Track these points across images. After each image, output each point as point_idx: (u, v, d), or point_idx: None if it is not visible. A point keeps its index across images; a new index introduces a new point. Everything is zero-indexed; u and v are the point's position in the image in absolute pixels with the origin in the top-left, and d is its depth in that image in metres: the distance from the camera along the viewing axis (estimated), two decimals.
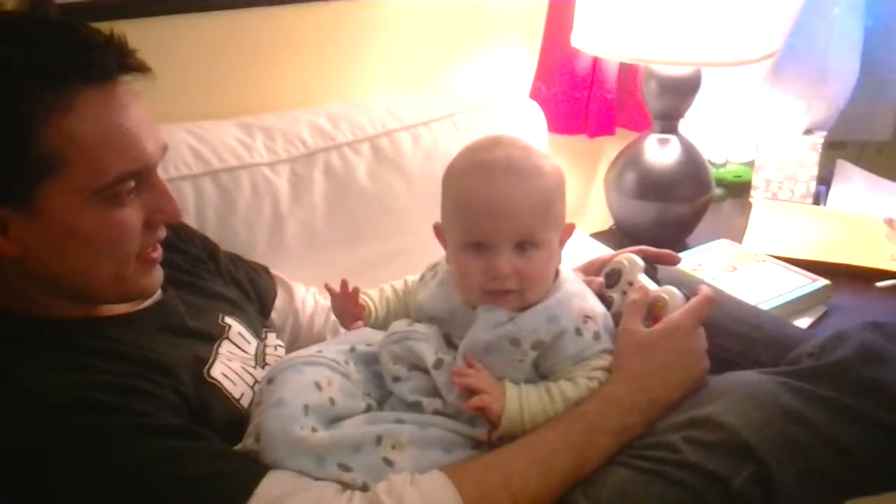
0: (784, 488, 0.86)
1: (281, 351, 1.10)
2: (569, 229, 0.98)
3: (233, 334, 1.04)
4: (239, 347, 1.03)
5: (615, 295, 1.02)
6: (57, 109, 0.81)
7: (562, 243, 0.97)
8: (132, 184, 0.86)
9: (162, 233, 0.93)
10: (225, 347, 1.01)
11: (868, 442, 0.90)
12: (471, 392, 0.89)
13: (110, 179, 0.84)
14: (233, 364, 0.99)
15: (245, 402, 0.95)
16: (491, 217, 0.90)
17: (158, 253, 0.93)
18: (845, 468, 0.89)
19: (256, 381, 0.99)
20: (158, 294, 0.99)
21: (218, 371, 0.96)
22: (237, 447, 0.88)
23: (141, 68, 0.87)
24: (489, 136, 0.98)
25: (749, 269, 1.56)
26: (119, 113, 0.85)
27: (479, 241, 0.91)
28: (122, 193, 0.86)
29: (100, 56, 0.84)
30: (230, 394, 0.95)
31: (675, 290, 0.98)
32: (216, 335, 1.02)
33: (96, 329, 0.91)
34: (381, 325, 1.02)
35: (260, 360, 1.05)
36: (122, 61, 0.85)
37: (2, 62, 0.80)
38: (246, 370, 1.00)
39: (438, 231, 0.99)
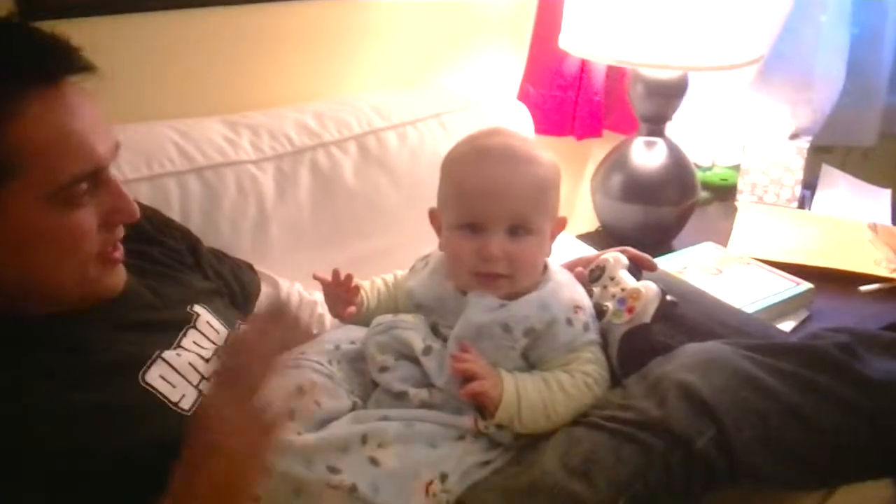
0: (744, 455, 0.87)
1: None
2: (561, 223, 1.01)
3: (200, 323, 1.03)
4: (206, 336, 1.02)
5: (596, 288, 1.04)
6: (6, 117, 0.80)
7: (553, 236, 1.00)
8: (84, 186, 0.86)
9: (120, 232, 0.92)
10: (190, 337, 1.00)
11: (829, 414, 0.91)
12: (468, 378, 0.89)
13: (63, 183, 0.83)
14: (179, 361, 0.96)
15: (186, 404, 0.92)
16: (486, 199, 0.93)
17: (120, 252, 0.93)
18: (809, 439, 0.90)
19: (203, 378, 0.96)
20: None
21: (155, 375, 0.93)
22: None
23: (87, 68, 0.85)
24: (489, 127, 1.02)
25: (734, 272, 1.57)
26: (68, 115, 0.84)
27: (473, 223, 0.94)
28: (76, 195, 0.85)
29: (44, 59, 0.83)
30: (166, 398, 0.92)
31: (651, 284, 1.00)
32: (181, 323, 1.01)
33: (52, 328, 0.89)
34: (373, 315, 1.02)
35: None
36: (67, 62, 0.84)
37: None
38: (194, 367, 0.97)
39: (433, 216, 1.02)
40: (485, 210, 0.93)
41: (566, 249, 1.34)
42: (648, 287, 0.99)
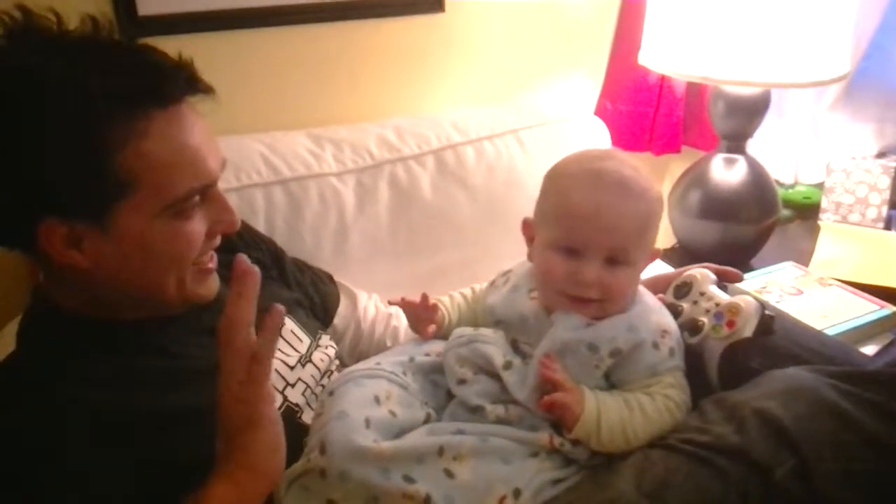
0: (824, 487, 0.84)
1: (331, 351, 1.12)
2: (654, 254, 1.00)
3: (285, 332, 1.06)
4: (290, 345, 1.06)
5: (685, 304, 1.03)
6: (133, 134, 0.84)
7: (645, 266, 0.99)
8: (197, 198, 0.90)
9: (217, 241, 0.96)
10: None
11: None
12: (552, 387, 0.90)
13: (180, 196, 0.88)
14: None
15: None
16: (591, 226, 0.92)
17: (214, 262, 0.97)
18: (891, 473, 0.87)
19: (288, 384, 1.00)
20: None
21: None
22: (300, 463, 0.89)
23: (207, 90, 0.90)
24: (600, 149, 1.02)
25: (815, 293, 1.54)
26: (186, 133, 0.88)
27: (571, 247, 0.93)
28: (189, 208, 0.89)
29: (170, 80, 0.87)
30: None
31: (750, 298, 0.99)
32: None
33: (143, 333, 0.95)
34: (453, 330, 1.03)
35: (305, 358, 1.07)
36: (190, 85, 0.88)
37: (79, 87, 0.82)
38: (279, 374, 1.01)
39: (527, 226, 1.01)
40: (587, 236, 0.92)
41: None
42: (748, 301, 0.98)
